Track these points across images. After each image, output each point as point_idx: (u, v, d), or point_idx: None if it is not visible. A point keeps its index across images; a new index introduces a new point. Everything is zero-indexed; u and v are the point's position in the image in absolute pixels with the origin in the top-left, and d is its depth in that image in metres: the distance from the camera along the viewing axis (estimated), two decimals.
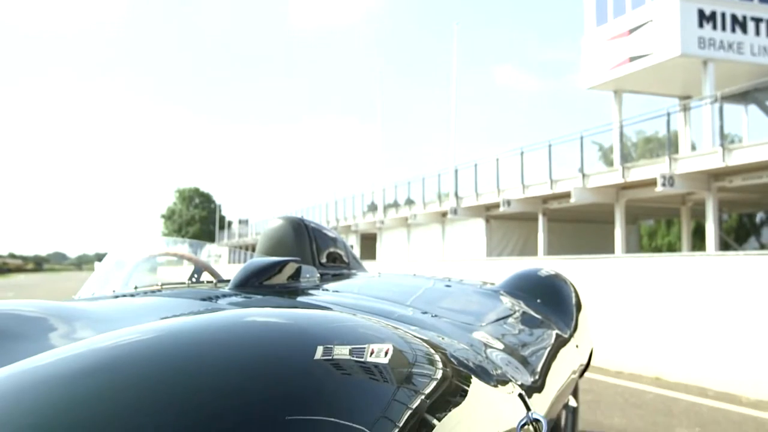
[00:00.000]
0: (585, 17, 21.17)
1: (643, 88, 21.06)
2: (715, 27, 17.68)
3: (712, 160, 14.91)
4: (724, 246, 20.42)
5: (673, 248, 28.50)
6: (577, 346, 2.73)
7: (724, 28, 17.77)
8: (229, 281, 2.05)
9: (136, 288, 2.05)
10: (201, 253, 2.79)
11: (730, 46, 17.79)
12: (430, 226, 26.95)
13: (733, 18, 17.92)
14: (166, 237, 3.07)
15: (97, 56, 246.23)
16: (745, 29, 17.96)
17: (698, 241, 22.31)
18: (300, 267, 2.24)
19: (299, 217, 3.21)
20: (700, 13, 17.62)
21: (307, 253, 2.96)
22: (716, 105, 15.85)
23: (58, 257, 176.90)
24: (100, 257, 2.71)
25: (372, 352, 0.88)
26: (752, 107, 20.09)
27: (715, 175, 15.82)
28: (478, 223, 24.03)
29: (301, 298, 2.00)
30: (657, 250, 29.72)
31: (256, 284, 1.97)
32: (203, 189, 76.23)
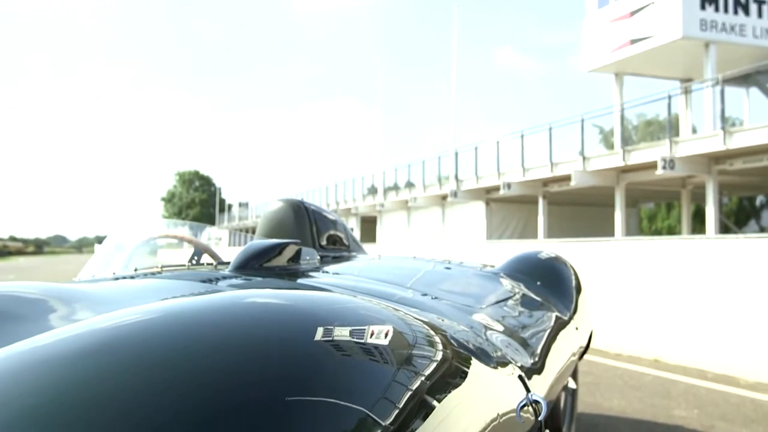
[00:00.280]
0: None
1: (644, 71, 20.97)
2: (717, 9, 17.57)
3: (713, 143, 14.88)
4: (724, 229, 20.43)
5: (673, 231, 28.53)
6: (577, 329, 2.74)
7: (726, 10, 17.66)
8: (229, 263, 2.05)
9: (136, 270, 2.05)
10: (201, 236, 2.79)
11: (732, 29, 17.69)
12: (430, 209, 26.95)
13: (735, 0, 17.81)
14: (167, 219, 3.06)
15: (97, 40, 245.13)
16: (747, 11, 17.85)
17: (698, 225, 22.32)
18: (300, 249, 2.24)
19: (299, 199, 3.20)
20: None
21: (307, 236, 2.96)
22: (717, 88, 15.80)
23: (59, 240, 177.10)
24: (101, 240, 2.71)
25: (372, 334, 0.88)
26: (753, 90, 20.01)
27: (716, 158, 15.79)
28: (478, 206, 24.03)
29: (301, 280, 2.00)
30: (657, 233, 29.75)
31: (256, 266, 1.97)
32: (203, 172, 76.24)
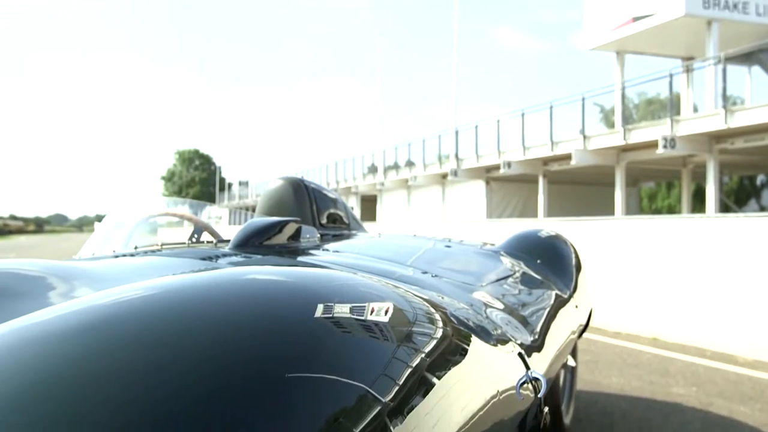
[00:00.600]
0: None
1: (645, 49, 20.83)
2: None
3: (714, 122, 14.82)
4: (724, 208, 20.42)
5: (673, 210, 28.51)
6: (577, 307, 2.74)
7: None
8: (229, 241, 2.05)
9: (136, 248, 2.05)
10: (201, 214, 2.78)
11: (735, 6, 17.53)
12: (431, 188, 26.91)
13: None
14: (167, 198, 3.05)
15: (96, 19, 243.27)
16: None
17: (698, 204, 22.30)
18: (300, 227, 2.24)
19: (299, 177, 3.20)
20: None
21: (307, 214, 2.96)
22: (719, 66, 15.70)
23: (59, 219, 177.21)
24: (101, 219, 2.71)
25: (372, 311, 0.88)
26: (756, 68, 19.89)
27: (717, 137, 15.74)
28: (479, 185, 23.99)
29: (301, 258, 2.00)
30: (657, 213, 29.75)
31: (256, 244, 1.97)
32: (203, 151, 76.08)
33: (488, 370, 1.21)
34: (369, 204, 32.44)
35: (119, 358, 0.68)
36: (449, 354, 1.01)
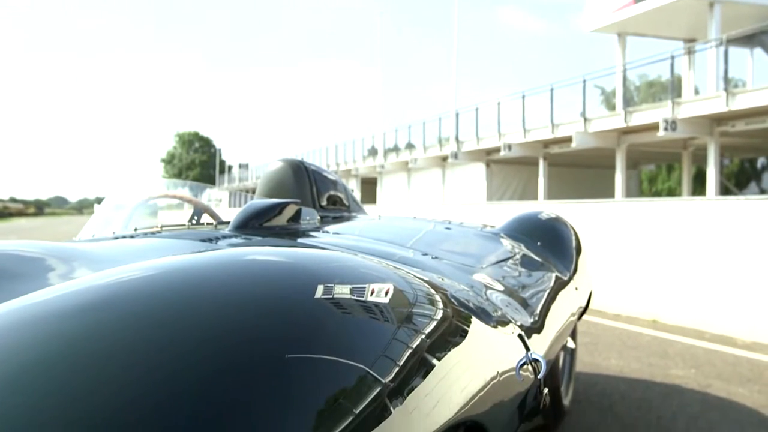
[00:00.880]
0: None
1: (647, 31, 20.70)
2: None
3: (716, 105, 14.77)
4: (725, 191, 20.40)
5: (673, 193, 28.49)
6: (576, 289, 2.74)
7: None
8: (229, 223, 2.04)
9: (136, 230, 2.05)
10: (201, 197, 2.78)
11: None
12: (431, 171, 26.88)
13: None
14: (167, 180, 3.04)
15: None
16: None
17: (699, 187, 22.29)
18: (300, 209, 2.23)
19: (299, 159, 3.19)
20: None
21: (307, 196, 2.95)
22: (721, 48, 15.60)
23: (59, 201, 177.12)
24: (101, 201, 2.70)
25: (372, 292, 0.88)
26: (758, 51, 19.77)
27: (718, 120, 15.69)
28: (479, 168, 23.96)
29: (301, 240, 2.00)
30: (657, 195, 29.73)
31: (256, 226, 1.97)
32: (203, 133, 75.88)
33: (488, 352, 1.21)
34: (369, 186, 32.42)
35: (119, 337, 0.68)
36: (449, 335, 1.01)
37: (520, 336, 1.50)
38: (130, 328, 0.69)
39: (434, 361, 0.89)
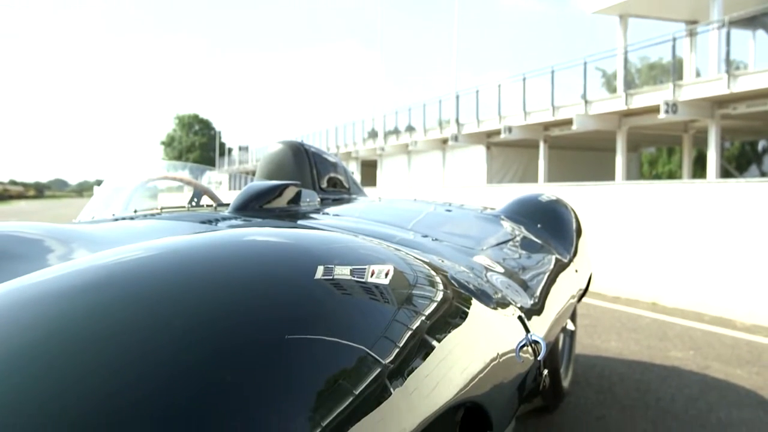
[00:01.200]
0: None
1: (649, 13, 20.57)
2: None
3: (717, 87, 14.71)
4: (725, 174, 20.36)
5: (673, 176, 28.46)
6: (577, 271, 2.74)
7: None
8: (228, 205, 2.04)
9: (136, 212, 2.05)
10: (201, 179, 2.77)
11: None
12: (431, 153, 26.83)
13: None
14: (166, 162, 3.03)
15: None
16: None
17: (699, 170, 22.25)
18: (300, 191, 2.23)
19: (299, 141, 3.18)
20: None
21: (307, 178, 2.94)
22: (723, 30, 15.52)
23: (59, 184, 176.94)
24: (101, 184, 2.70)
25: (373, 273, 0.87)
26: (760, 33, 19.67)
27: (719, 102, 15.63)
28: (479, 150, 23.92)
29: (301, 222, 2.00)
30: (657, 178, 29.70)
31: (256, 208, 1.97)
32: (203, 115, 75.70)
33: (488, 333, 1.21)
34: (369, 169, 32.37)
35: (118, 317, 0.68)
36: (449, 317, 1.01)
37: (520, 318, 1.50)
38: (130, 308, 0.69)
39: (434, 343, 0.89)
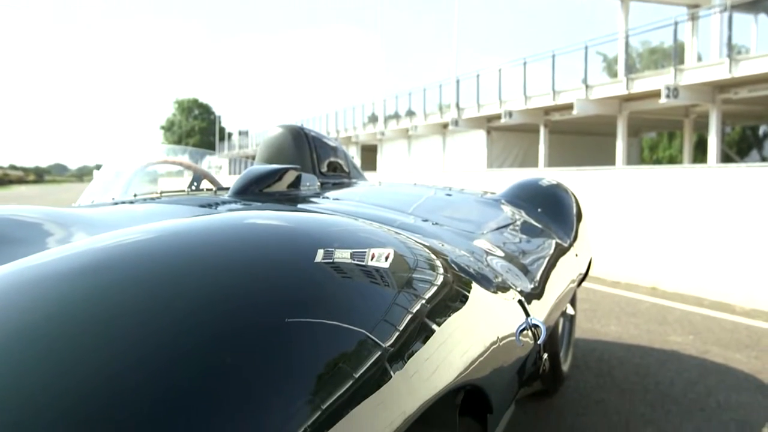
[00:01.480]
0: None
1: None
2: None
3: (719, 71, 14.65)
4: (726, 159, 20.33)
5: (674, 161, 28.43)
6: (577, 256, 2.74)
7: None
8: (228, 189, 2.04)
9: (135, 195, 2.04)
10: (201, 164, 2.77)
11: None
12: (431, 138, 26.78)
13: None
14: (166, 146, 3.01)
15: None
16: None
17: (700, 154, 22.21)
18: (300, 175, 2.22)
19: (299, 125, 3.16)
20: None
21: (307, 162, 2.94)
22: (725, 14, 15.44)
23: (59, 169, 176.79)
24: (101, 168, 2.70)
25: (373, 257, 0.87)
26: (762, 16, 19.55)
27: (721, 87, 15.58)
28: (479, 135, 23.86)
29: (301, 206, 1.99)
30: (658, 163, 29.67)
31: (255, 192, 1.96)
32: (202, 100, 75.50)
33: (488, 317, 1.21)
34: (369, 154, 32.31)
35: (118, 300, 0.67)
36: (450, 300, 1.01)
37: (520, 302, 1.50)
38: (129, 290, 0.69)
39: (434, 326, 0.89)
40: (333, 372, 0.66)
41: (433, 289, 0.95)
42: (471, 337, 1.05)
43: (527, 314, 1.48)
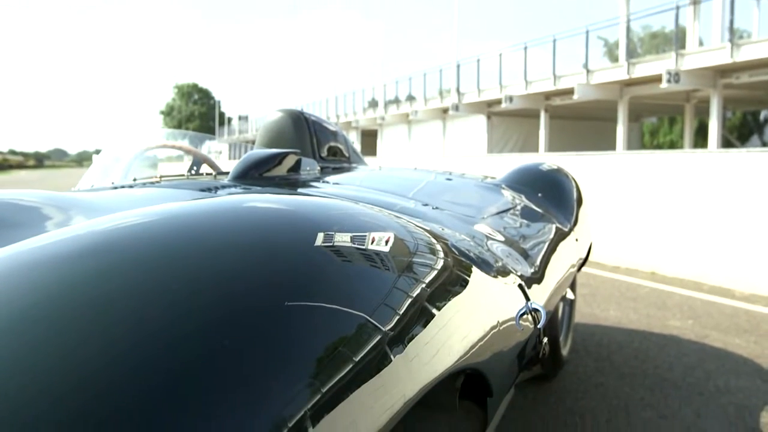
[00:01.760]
0: None
1: None
2: None
3: (720, 56, 14.59)
4: (727, 144, 20.29)
5: (674, 146, 28.37)
6: (577, 240, 2.74)
7: None
8: (228, 173, 2.03)
9: (135, 180, 2.04)
10: (201, 148, 2.76)
11: None
12: (431, 123, 26.72)
13: None
14: (166, 131, 3.01)
15: None
16: None
17: (700, 140, 22.17)
18: (300, 159, 2.22)
19: (299, 110, 3.15)
20: None
21: (307, 146, 2.93)
22: None
23: (59, 154, 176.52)
24: (100, 153, 2.69)
25: (373, 240, 0.87)
26: (764, 1, 19.47)
27: (722, 72, 15.52)
28: (480, 120, 23.81)
29: (301, 190, 1.99)
30: (659, 148, 29.60)
31: (255, 176, 1.96)
32: (202, 85, 75.29)
33: (488, 301, 1.21)
34: (369, 138, 32.26)
35: (117, 282, 0.67)
36: (450, 284, 1.01)
37: (520, 286, 1.50)
38: (129, 272, 0.69)
39: (434, 310, 0.89)
40: (333, 355, 0.66)
41: (434, 273, 0.95)
42: (471, 321, 1.05)
43: (527, 298, 1.48)
